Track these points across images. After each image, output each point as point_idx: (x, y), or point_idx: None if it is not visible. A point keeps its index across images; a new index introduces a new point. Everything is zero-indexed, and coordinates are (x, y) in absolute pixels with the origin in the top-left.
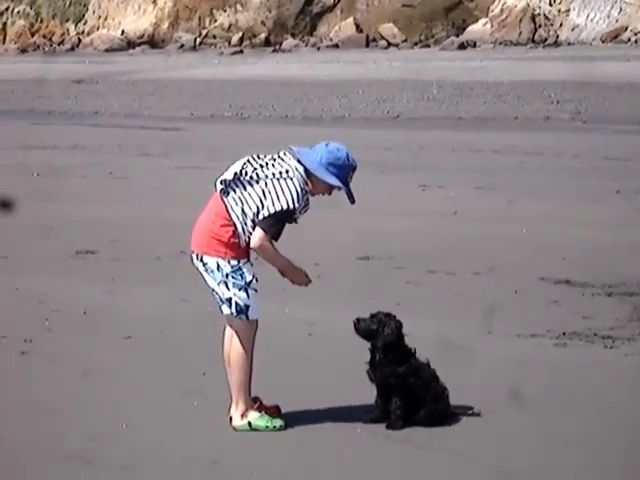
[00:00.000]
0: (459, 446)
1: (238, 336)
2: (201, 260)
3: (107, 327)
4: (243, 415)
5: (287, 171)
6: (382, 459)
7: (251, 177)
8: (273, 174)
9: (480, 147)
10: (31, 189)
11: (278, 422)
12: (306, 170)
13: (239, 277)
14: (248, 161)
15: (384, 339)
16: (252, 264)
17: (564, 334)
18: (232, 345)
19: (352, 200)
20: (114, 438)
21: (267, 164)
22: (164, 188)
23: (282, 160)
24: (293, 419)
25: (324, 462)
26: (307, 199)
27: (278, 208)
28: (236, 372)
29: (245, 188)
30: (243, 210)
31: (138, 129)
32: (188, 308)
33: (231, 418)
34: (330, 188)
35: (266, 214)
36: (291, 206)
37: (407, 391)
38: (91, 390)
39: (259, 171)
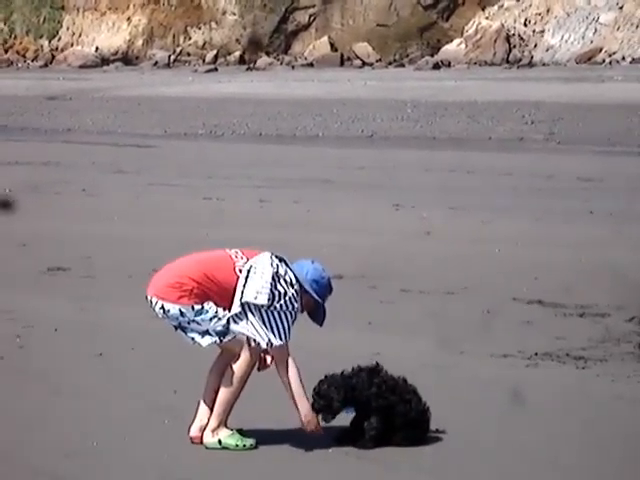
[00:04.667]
0: (429, 466)
1: (237, 357)
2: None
3: (78, 344)
4: (214, 431)
5: (293, 298)
6: (353, 479)
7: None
8: (281, 306)
9: (454, 167)
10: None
11: (249, 441)
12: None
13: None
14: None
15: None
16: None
17: (536, 354)
18: (230, 366)
19: (322, 322)
20: (84, 455)
21: (282, 292)
22: (137, 205)
23: (291, 284)
24: (264, 437)
25: None
26: None
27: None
28: (227, 391)
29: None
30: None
31: (112, 146)
32: (159, 326)
33: (192, 438)
34: (308, 304)
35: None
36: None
37: (387, 410)
38: (62, 407)
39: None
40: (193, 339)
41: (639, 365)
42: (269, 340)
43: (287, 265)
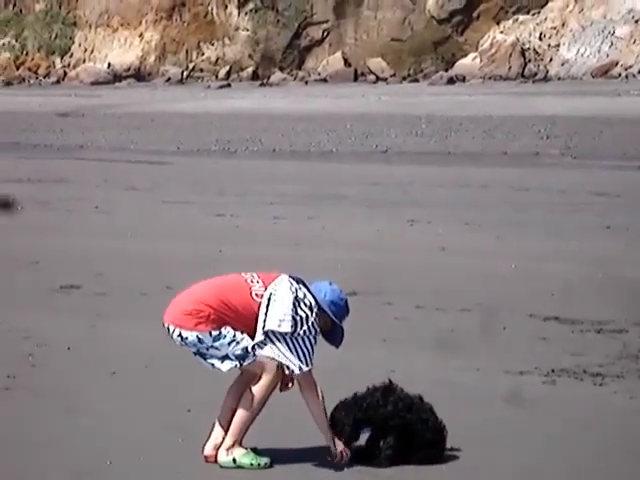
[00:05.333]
0: None
1: (259, 379)
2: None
3: (91, 363)
4: (229, 450)
5: (315, 322)
6: None
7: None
8: (304, 332)
9: (469, 182)
10: (16, 223)
11: (263, 460)
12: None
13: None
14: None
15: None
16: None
17: (553, 371)
18: (250, 387)
19: (340, 344)
20: (98, 475)
21: (304, 317)
22: (150, 222)
23: (311, 307)
24: (279, 456)
25: None
26: None
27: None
28: (246, 411)
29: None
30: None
31: (124, 163)
32: (173, 344)
33: (206, 457)
34: (325, 325)
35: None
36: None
37: (404, 428)
38: (75, 426)
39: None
40: (213, 365)
41: None
42: (299, 366)
43: (306, 287)
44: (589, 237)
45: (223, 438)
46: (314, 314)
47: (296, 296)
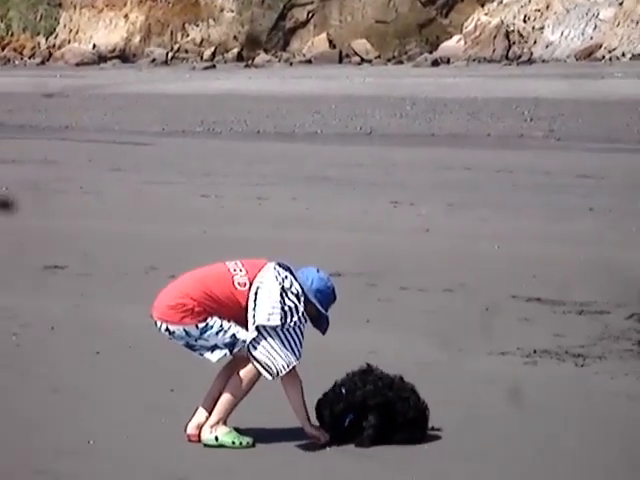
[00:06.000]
0: (426, 465)
1: (245, 364)
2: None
3: (76, 342)
4: (212, 427)
5: (304, 311)
6: (349, 478)
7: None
8: (295, 323)
9: (453, 164)
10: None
11: (246, 439)
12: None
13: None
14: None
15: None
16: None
17: (535, 352)
18: (237, 372)
19: (325, 331)
20: (81, 454)
21: (293, 307)
22: (134, 203)
23: (298, 296)
24: (261, 436)
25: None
26: None
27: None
28: (233, 391)
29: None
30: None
31: (109, 143)
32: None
33: (189, 436)
34: (311, 312)
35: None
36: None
37: (385, 407)
38: (59, 405)
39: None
40: (202, 355)
41: (638, 362)
42: (285, 364)
43: (292, 274)
44: (572, 219)
45: (206, 418)
46: (302, 302)
47: (283, 286)
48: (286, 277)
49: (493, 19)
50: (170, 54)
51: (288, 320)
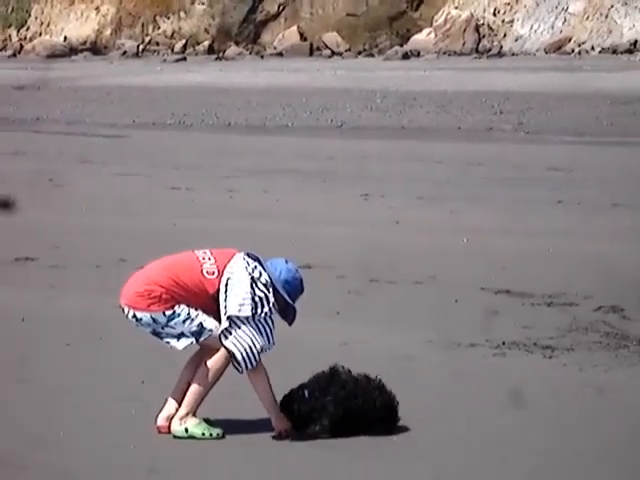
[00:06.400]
0: (397, 456)
1: (213, 354)
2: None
3: (46, 334)
4: (182, 419)
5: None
6: (318, 468)
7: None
8: (266, 313)
9: (423, 157)
10: None
11: (215, 430)
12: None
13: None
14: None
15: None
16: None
17: (503, 344)
18: (204, 362)
19: (292, 322)
20: (51, 445)
21: (264, 297)
22: (105, 195)
23: (267, 286)
24: (231, 427)
25: (261, 471)
26: None
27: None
28: (201, 383)
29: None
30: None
31: (80, 136)
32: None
33: (159, 428)
34: (278, 303)
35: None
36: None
37: (350, 414)
38: (29, 397)
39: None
40: (169, 343)
41: (606, 354)
42: (256, 353)
43: (261, 265)
44: (541, 211)
45: (176, 409)
46: (271, 292)
47: (252, 277)
48: (255, 267)
49: (463, 12)
50: (141, 46)
51: (259, 311)
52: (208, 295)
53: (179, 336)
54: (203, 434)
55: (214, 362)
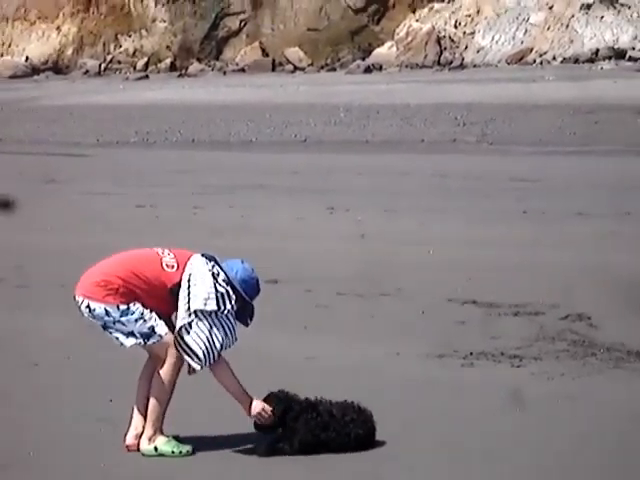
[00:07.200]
0: (368, 469)
1: (163, 362)
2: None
3: (13, 354)
4: (150, 439)
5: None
6: None
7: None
8: (228, 310)
9: (387, 170)
10: None
11: (185, 447)
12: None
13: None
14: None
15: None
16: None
17: (471, 354)
18: (157, 372)
19: (249, 323)
20: (20, 466)
21: (224, 292)
22: (69, 215)
23: (227, 283)
24: (201, 444)
25: None
26: None
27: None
28: (157, 398)
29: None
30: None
31: (44, 155)
32: (94, 334)
33: (128, 446)
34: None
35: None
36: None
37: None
38: None
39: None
40: (117, 339)
41: (573, 363)
42: (217, 351)
43: (218, 264)
44: (506, 222)
45: (143, 427)
46: (230, 289)
47: (213, 273)
48: (213, 265)
49: (424, 25)
50: (103, 65)
51: (221, 307)
52: (166, 288)
53: (128, 334)
54: (173, 452)
55: (164, 372)
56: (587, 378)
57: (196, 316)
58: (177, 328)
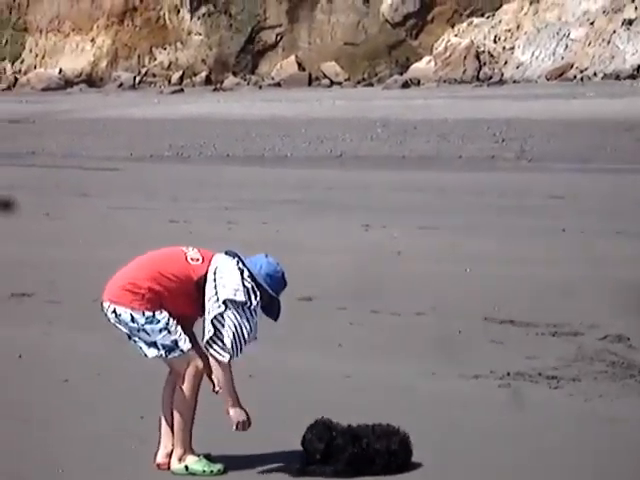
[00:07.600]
0: None
1: (183, 377)
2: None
3: (43, 370)
4: (181, 459)
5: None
6: None
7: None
8: (253, 311)
9: (424, 186)
10: None
11: (216, 466)
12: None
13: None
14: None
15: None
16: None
17: (508, 374)
18: (178, 387)
19: (277, 317)
20: None
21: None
22: (102, 229)
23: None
24: (232, 463)
25: None
26: None
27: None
28: (181, 415)
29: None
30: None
31: (76, 169)
32: (125, 350)
33: (158, 465)
34: (262, 299)
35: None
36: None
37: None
38: (28, 435)
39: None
40: (141, 348)
41: (612, 384)
42: (244, 343)
43: (242, 261)
44: (545, 240)
45: (172, 444)
46: (255, 285)
47: (239, 267)
48: (238, 262)
49: (463, 40)
50: (138, 78)
51: (250, 300)
52: (192, 282)
53: (151, 344)
54: (204, 471)
55: (186, 387)
56: (625, 400)
57: (226, 307)
58: (209, 319)
